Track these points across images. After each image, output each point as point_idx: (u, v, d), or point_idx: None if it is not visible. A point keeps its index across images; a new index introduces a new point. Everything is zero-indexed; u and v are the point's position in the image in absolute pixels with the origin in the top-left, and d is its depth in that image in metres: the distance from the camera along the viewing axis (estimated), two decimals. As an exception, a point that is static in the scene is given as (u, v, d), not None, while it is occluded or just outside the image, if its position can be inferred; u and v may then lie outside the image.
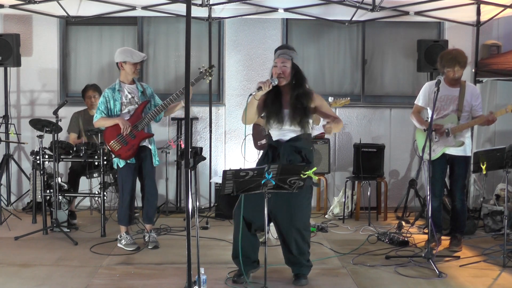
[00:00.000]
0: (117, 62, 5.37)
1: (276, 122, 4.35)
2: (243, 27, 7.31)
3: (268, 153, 4.41)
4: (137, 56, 5.37)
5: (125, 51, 5.41)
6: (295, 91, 4.35)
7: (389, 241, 5.62)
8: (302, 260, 4.42)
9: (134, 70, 5.36)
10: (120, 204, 5.44)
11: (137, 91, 5.42)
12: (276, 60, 4.37)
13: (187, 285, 3.53)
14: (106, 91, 5.34)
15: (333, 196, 7.23)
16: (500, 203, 6.30)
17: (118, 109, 5.30)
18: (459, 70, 5.28)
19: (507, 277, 4.62)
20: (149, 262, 4.99)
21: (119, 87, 5.35)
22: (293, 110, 4.32)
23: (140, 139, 5.33)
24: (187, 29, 3.42)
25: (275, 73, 4.34)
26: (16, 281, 4.46)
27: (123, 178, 5.35)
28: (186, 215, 3.53)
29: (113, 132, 5.25)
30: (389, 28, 7.46)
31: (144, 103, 5.39)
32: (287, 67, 4.34)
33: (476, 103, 5.36)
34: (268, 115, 4.40)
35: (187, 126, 3.60)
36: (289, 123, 4.33)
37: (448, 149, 5.33)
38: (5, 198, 6.97)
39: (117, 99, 5.30)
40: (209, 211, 7.02)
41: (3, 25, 7.22)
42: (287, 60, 4.34)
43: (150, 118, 5.34)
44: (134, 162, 5.35)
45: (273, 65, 4.40)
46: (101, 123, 5.35)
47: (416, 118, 5.52)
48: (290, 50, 4.41)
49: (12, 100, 7.18)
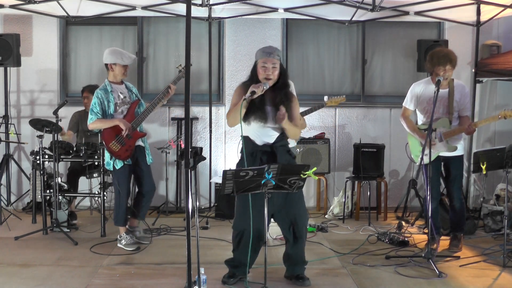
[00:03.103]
0: (106, 64, 5.34)
1: (259, 118, 4.24)
2: (243, 27, 7.31)
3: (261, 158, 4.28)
4: (127, 58, 5.34)
5: (115, 52, 5.36)
6: (282, 90, 4.30)
7: (389, 241, 5.62)
8: (303, 257, 4.46)
9: (124, 72, 5.34)
10: (117, 205, 5.43)
11: (127, 91, 5.42)
12: (265, 59, 4.25)
13: (187, 285, 3.53)
14: (98, 92, 5.27)
15: (333, 196, 7.23)
16: (500, 203, 6.30)
17: (112, 110, 5.28)
18: (450, 69, 5.16)
19: (507, 277, 4.62)
20: (149, 262, 4.99)
21: (111, 88, 5.32)
22: (277, 108, 4.24)
23: (135, 139, 5.34)
24: (187, 29, 3.42)
25: (264, 74, 4.23)
26: (16, 281, 4.46)
27: (120, 179, 5.33)
28: (186, 215, 3.53)
29: (112, 133, 5.25)
30: (389, 28, 7.45)
31: (136, 102, 5.41)
32: (276, 67, 4.27)
33: (465, 102, 5.29)
34: (249, 111, 4.24)
35: (187, 126, 3.60)
36: (273, 121, 4.26)
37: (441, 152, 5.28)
38: (5, 198, 6.96)
39: (110, 100, 5.27)
40: (209, 211, 7.03)
41: (3, 25, 7.22)
42: (276, 60, 4.27)
43: (144, 117, 5.35)
44: (131, 163, 5.36)
45: (260, 65, 4.26)
46: (98, 125, 5.29)
47: (407, 124, 5.44)
48: (278, 50, 4.35)
49: (12, 100, 7.18)
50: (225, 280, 4.41)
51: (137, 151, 5.40)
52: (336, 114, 7.42)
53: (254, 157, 4.29)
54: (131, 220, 5.58)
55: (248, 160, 4.23)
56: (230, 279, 4.40)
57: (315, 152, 6.92)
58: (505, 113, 5.03)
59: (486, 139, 7.32)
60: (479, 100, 7.19)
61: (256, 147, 4.30)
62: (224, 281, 4.40)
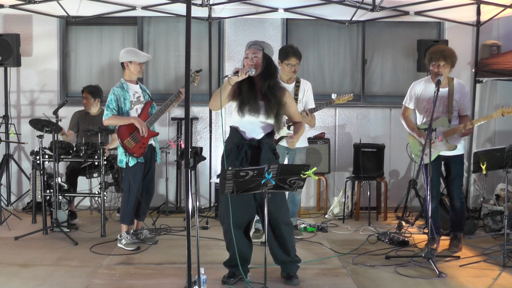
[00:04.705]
0: (122, 62, 5.42)
1: (252, 111, 4.26)
2: (243, 27, 7.31)
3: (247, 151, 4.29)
4: (142, 56, 5.47)
5: (131, 51, 5.49)
6: (267, 81, 4.30)
7: (389, 241, 5.62)
8: (292, 255, 4.43)
9: (140, 70, 5.44)
10: (124, 203, 5.43)
11: (141, 91, 5.52)
12: (247, 51, 4.33)
13: (187, 285, 3.54)
14: (115, 89, 5.37)
15: (333, 196, 7.23)
16: (500, 203, 6.30)
17: (128, 107, 5.36)
18: (445, 66, 5.13)
19: (507, 277, 4.62)
20: (149, 262, 4.99)
21: (127, 86, 5.42)
22: (268, 101, 4.27)
23: (149, 137, 5.40)
24: (187, 29, 3.43)
25: (246, 65, 4.28)
26: (16, 281, 4.46)
27: (132, 176, 5.33)
28: (186, 215, 3.53)
29: (127, 130, 5.30)
30: (389, 28, 7.46)
31: (149, 102, 5.50)
32: (258, 57, 4.30)
33: (465, 101, 5.29)
34: (242, 102, 4.29)
35: (187, 126, 3.60)
36: (265, 115, 4.29)
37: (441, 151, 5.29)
38: (5, 198, 6.97)
39: (126, 97, 5.36)
40: (209, 211, 7.03)
41: (3, 25, 7.22)
42: (258, 50, 4.31)
43: (157, 117, 5.42)
44: (143, 161, 5.39)
45: (244, 56, 4.36)
46: (113, 122, 5.35)
47: (406, 124, 5.45)
48: (261, 42, 4.40)
49: (12, 100, 7.19)
50: (225, 280, 4.41)
51: (149, 149, 5.46)
52: (336, 114, 7.42)
53: (239, 149, 4.31)
54: (136, 224, 5.60)
55: (234, 152, 4.28)
56: (230, 279, 4.40)
57: (315, 152, 6.91)
58: (503, 110, 5.01)
59: (486, 139, 7.32)
60: (479, 100, 7.20)
61: (243, 141, 4.32)
62: (224, 281, 4.40)
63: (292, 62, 5.47)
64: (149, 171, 5.52)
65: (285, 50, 5.53)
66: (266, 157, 4.27)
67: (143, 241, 5.54)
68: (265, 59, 4.33)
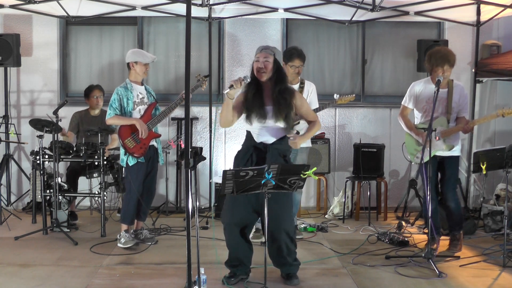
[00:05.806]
0: (128, 62, 5.44)
1: (258, 117, 4.28)
2: (243, 27, 7.31)
3: (252, 154, 4.33)
4: (147, 57, 5.50)
5: (137, 52, 5.54)
6: (277, 86, 4.32)
7: (389, 241, 5.62)
8: (290, 260, 4.42)
9: (145, 71, 5.47)
10: (125, 202, 5.45)
11: (145, 92, 5.54)
12: (258, 55, 4.33)
13: (187, 285, 3.53)
14: (118, 89, 5.39)
15: (333, 196, 7.23)
16: (500, 203, 6.30)
17: (131, 108, 5.37)
18: (448, 69, 5.18)
19: (507, 277, 4.62)
20: (149, 262, 4.99)
21: (131, 86, 5.43)
22: (277, 105, 4.28)
23: (150, 138, 5.40)
24: (187, 29, 3.42)
25: (256, 68, 4.30)
26: (16, 281, 4.46)
27: (133, 176, 5.35)
28: (186, 215, 3.53)
29: (128, 130, 5.32)
30: (389, 28, 7.46)
31: (153, 104, 5.51)
32: (269, 61, 4.30)
33: (463, 103, 5.30)
34: (249, 110, 4.31)
35: (187, 126, 3.60)
36: (274, 119, 4.30)
37: (438, 151, 5.28)
38: (5, 198, 6.97)
39: (129, 97, 5.37)
40: (209, 211, 7.03)
41: (3, 25, 7.22)
42: (269, 55, 4.31)
43: (160, 119, 5.44)
44: (144, 161, 5.39)
45: (254, 60, 4.36)
46: (115, 122, 5.38)
47: (405, 123, 5.45)
48: (273, 47, 4.40)
49: (12, 100, 7.18)
50: (225, 280, 4.41)
51: (150, 150, 5.46)
52: (336, 114, 7.42)
53: (246, 152, 4.36)
54: (136, 223, 5.60)
55: (242, 155, 4.37)
56: (230, 279, 4.40)
57: (315, 152, 6.91)
58: (503, 111, 5.02)
59: (486, 139, 7.32)
60: (479, 100, 7.19)
61: (253, 143, 4.36)
62: (224, 281, 4.40)
63: (296, 63, 5.49)
64: (151, 172, 5.53)
65: (289, 51, 5.56)
66: (272, 162, 4.24)
67: (143, 241, 5.54)
68: (275, 64, 4.34)
